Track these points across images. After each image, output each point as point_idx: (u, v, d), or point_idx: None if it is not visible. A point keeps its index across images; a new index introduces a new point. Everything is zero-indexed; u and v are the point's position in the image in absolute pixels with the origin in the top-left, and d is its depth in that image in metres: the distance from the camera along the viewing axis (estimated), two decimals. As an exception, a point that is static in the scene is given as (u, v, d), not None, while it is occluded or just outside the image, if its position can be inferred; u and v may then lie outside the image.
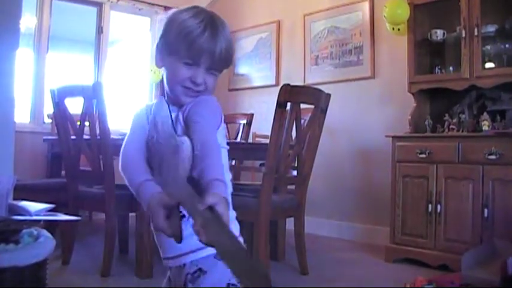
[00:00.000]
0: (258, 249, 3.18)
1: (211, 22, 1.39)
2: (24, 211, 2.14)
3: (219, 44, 1.39)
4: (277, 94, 3.25)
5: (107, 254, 3.36)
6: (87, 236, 4.56)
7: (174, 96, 1.44)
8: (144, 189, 1.29)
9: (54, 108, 3.65)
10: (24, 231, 1.99)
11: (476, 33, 3.72)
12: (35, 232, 2.00)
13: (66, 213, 2.58)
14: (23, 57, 5.43)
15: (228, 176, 1.38)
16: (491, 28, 3.82)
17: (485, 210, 3.49)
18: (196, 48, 1.37)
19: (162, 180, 1.24)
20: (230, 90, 6.41)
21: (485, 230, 3.50)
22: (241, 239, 1.32)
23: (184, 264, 1.38)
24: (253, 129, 5.15)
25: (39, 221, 2.14)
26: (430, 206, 3.77)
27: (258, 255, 3.17)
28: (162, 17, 1.54)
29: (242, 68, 6.36)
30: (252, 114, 5.11)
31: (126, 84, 7.18)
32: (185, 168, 1.23)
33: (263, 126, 4.49)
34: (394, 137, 4.05)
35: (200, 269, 1.37)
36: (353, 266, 3.92)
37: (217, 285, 1.37)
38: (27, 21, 5.69)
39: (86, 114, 3.48)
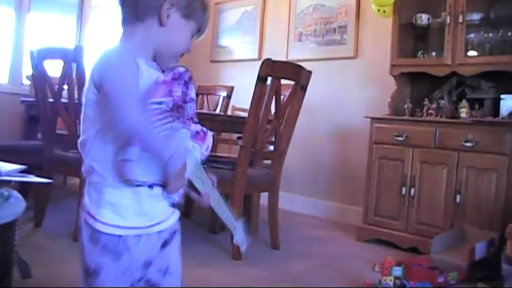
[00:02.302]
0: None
1: None
2: (-5, 171, 2.12)
3: None
4: (258, 68, 3.24)
5: (79, 218, 3.34)
6: (61, 200, 4.52)
7: (166, 62, 1.36)
8: (180, 153, 1.23)
9: (33, 69, 3.59)
10: (-6, 191, 1.97)
11: (461, 20, 3.73)
12: (6, 193, 1.97)
13: (39, 176, 2.56)
14: (4, 16, 5.33)
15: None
16: (476, 16, 3.82)
17: (458, 196, 3.54)
18: (207, 22, 1.42)
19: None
20: (212, 61, 6.36)
21: (456, 215, 3.55)
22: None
23: (160, 231, 1.37)
24: (233, 102, 5.13)
25: (10, 181, 2.12)
26: (404, 188, 3.81)
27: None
28: None
29: (225, 40, 6.30)
30: (233, 87, 5.08)
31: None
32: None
33: (243, 100, 4.47)
34: (372, 119, 4.07)
35: (177, 229, 1.43)
36: (324, 244, 3.96)
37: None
38: (9, -22, 5.57)
39: (65, 77, 3.43)
